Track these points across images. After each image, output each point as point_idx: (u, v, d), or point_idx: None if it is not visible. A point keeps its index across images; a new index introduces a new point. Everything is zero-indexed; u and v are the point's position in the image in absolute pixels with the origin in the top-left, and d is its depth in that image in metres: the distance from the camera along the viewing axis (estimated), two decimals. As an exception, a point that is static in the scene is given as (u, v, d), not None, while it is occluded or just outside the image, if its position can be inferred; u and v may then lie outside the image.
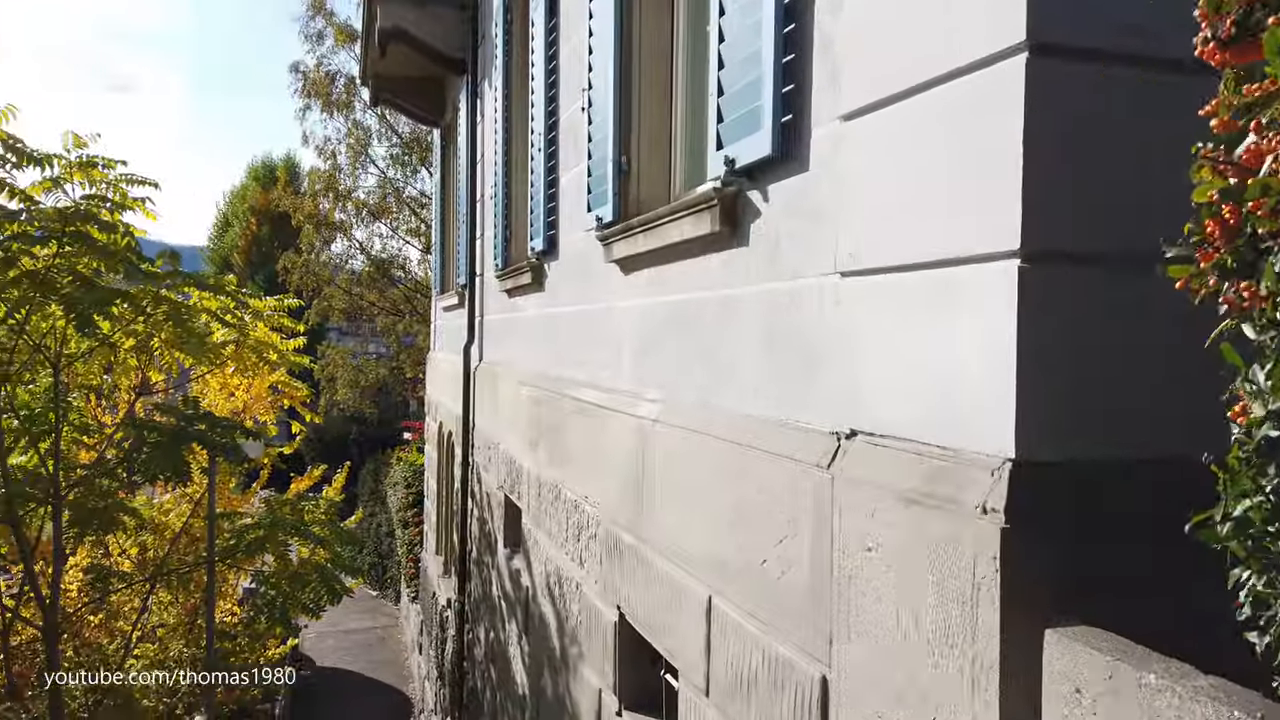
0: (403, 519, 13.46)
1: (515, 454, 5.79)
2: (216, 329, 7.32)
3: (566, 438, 4.45)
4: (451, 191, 10.05)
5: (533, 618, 5.18)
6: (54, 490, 5.87)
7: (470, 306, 7.86)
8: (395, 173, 17.67)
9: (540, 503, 5.00)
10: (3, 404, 6.14)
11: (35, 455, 6.09)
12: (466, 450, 7.82)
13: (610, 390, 3.83)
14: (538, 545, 5.10)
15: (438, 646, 9.87)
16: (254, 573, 7.83)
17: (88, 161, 5.58)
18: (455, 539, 8.97)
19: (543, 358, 5.22)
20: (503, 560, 6.20)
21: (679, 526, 2.95)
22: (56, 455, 5.92)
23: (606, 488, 3.75)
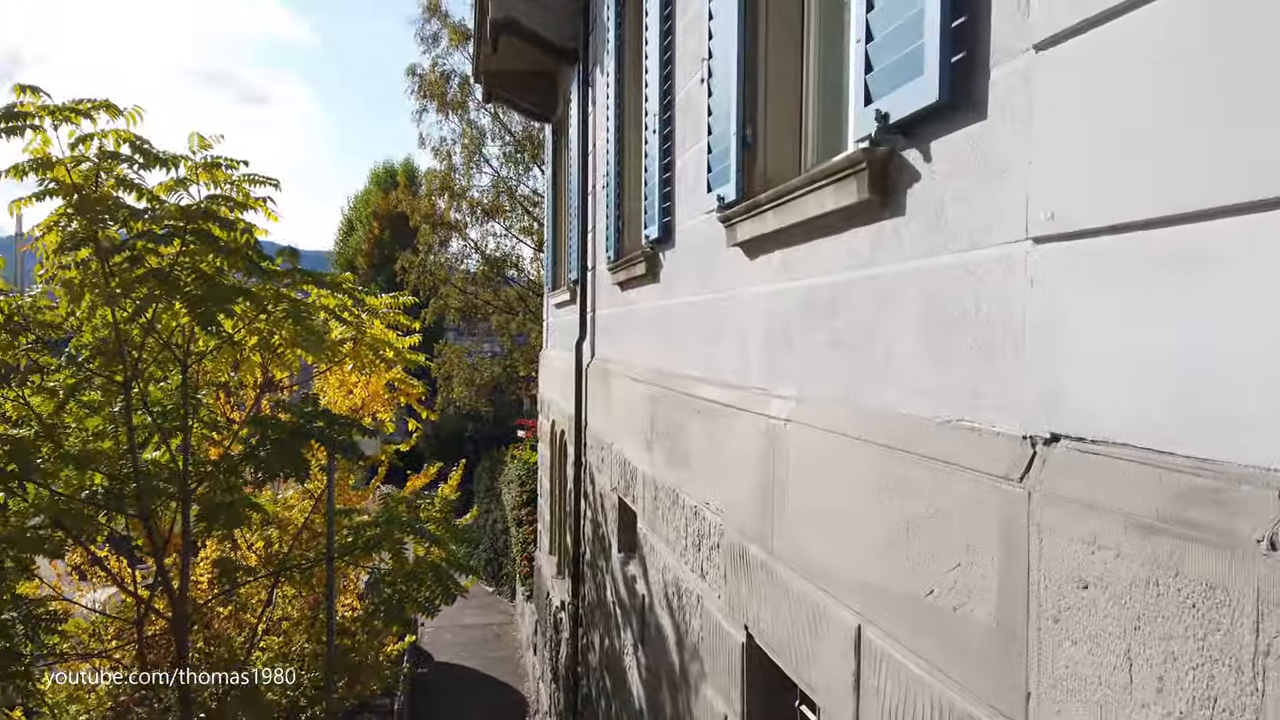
0: (517, 517, 13.45)
1: (629, 455, 5.51)
2: (335, 327, 7.34)
3: (685, 438, 4.13)
4: (563, 186, 9.89)
5: (649, 628, 4.89)
6: (183, 485, 5.93)
7: (582, 302, 7.64)
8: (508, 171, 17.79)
9: (656, 507, 4.70)
10: (135, 401, 6.26)
11: (167, 451, 6.20)
12: (579, 449, 7.61)
13: (734, 387, 3.49)
14: (654, 552, 4.80)
15: (552, 648, 9.73)
16: (371, 570, 7.83)
17: (212, 162, 5.61)
18: (569, 540, 8.79)
19: (658, 353, 4.92)
20: (617, 565, 5.94)
21: (819, 541, 2.58)
22: (186, 451, 6.00)
23: (731, 494, 3.41)
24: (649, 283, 5.13)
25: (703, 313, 4.03)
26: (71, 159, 5.19)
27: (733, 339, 3.58)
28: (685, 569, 4.11)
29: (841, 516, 2.43)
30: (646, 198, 4.96)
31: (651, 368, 5.03)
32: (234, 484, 6.32)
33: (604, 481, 6.54)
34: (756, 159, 3.31)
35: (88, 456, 6.13)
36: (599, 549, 6.73)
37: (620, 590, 5.78)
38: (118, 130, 5.23)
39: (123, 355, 5.76)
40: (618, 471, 5.94)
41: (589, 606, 7.26)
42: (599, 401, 6.80)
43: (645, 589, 5.01)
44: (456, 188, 17.26)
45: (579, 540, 7.65)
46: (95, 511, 5.99)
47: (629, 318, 5.83)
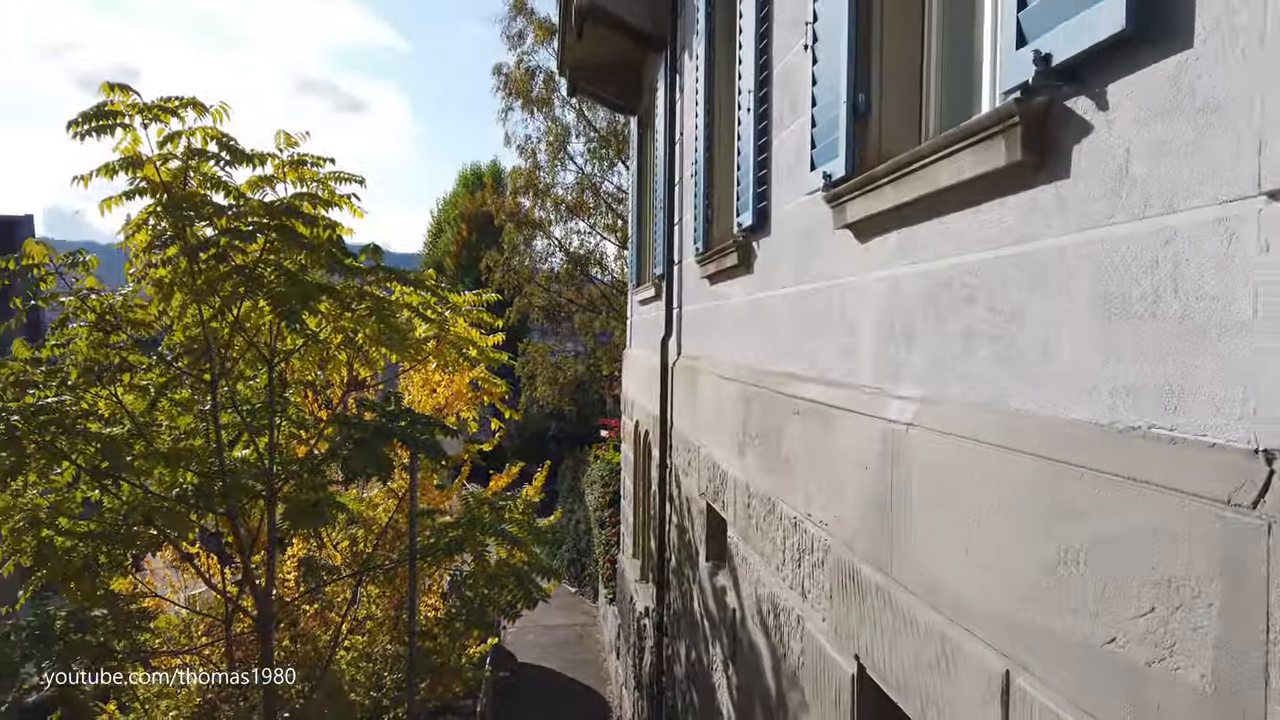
0: (600, 518, 13.22)
1: (719, 459, 5.18)
2: (419, 325, 7.23)
3: (784, 442, 3.78)
4: (648, 179, 9.61)
5: (740, 645, 4.54)
6: (270, 484, 5.87)
7: (668, 297, 7.34)
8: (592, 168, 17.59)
9: (750, 516, 4.35)
10: (224, 399, 6.24)
11: (254, 450, 6.17)
12: (664, 452, 7.31)
13: (842, 386, 3.12)
14: (746, 564, 4.45)
15: (635, 655, 9.46)
16: (453, 571, 7.69)
17: (298, 159, 5.51)
18: (652, 544, 8.49)
19: (751, 350, 4.57)
20: (705, 574, 5.61)
21: (952, 566, 2.21)
22: (272, 450, 5.95)
23: (838, 506, 3.05)
24: (741, 274, 4.79)
25: (803, 304, 3.66)
26: (159, 156, 5.14)
27: (838, 333, 3.21)
28: (783, 585, 3.75)
29: (983, 539, 2.05)
30: (739, 183, 4.62)
31: (744, 365, 4.69)
32: (319, 483, 6.27)
33: (691, 485, 6.22)
34: (870, 129, 2.94)
35: (177, 454, 6.12)
36: (685, 556, 6.41)
37: (709, 602, 5.44)
38: (205, 128, 5.17)
39: (210, 353, 5.72)
40: (706, 475, 5.61)
41: (674, 615, 6.95)
42: (685, 401, 6.48)
43: (736, 603, 4.67)
44: (541, 185, 17.12)
45: (664, 546, 7.35)
46: (185, 509, 5.98)
47: (718, 313, 5.50)
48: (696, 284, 6.22)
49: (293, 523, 6.15)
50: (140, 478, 5.82)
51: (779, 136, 4.02)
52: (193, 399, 6.28)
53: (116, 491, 5.63)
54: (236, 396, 6.21)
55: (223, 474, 5.76)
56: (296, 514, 6.07)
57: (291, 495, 6.06)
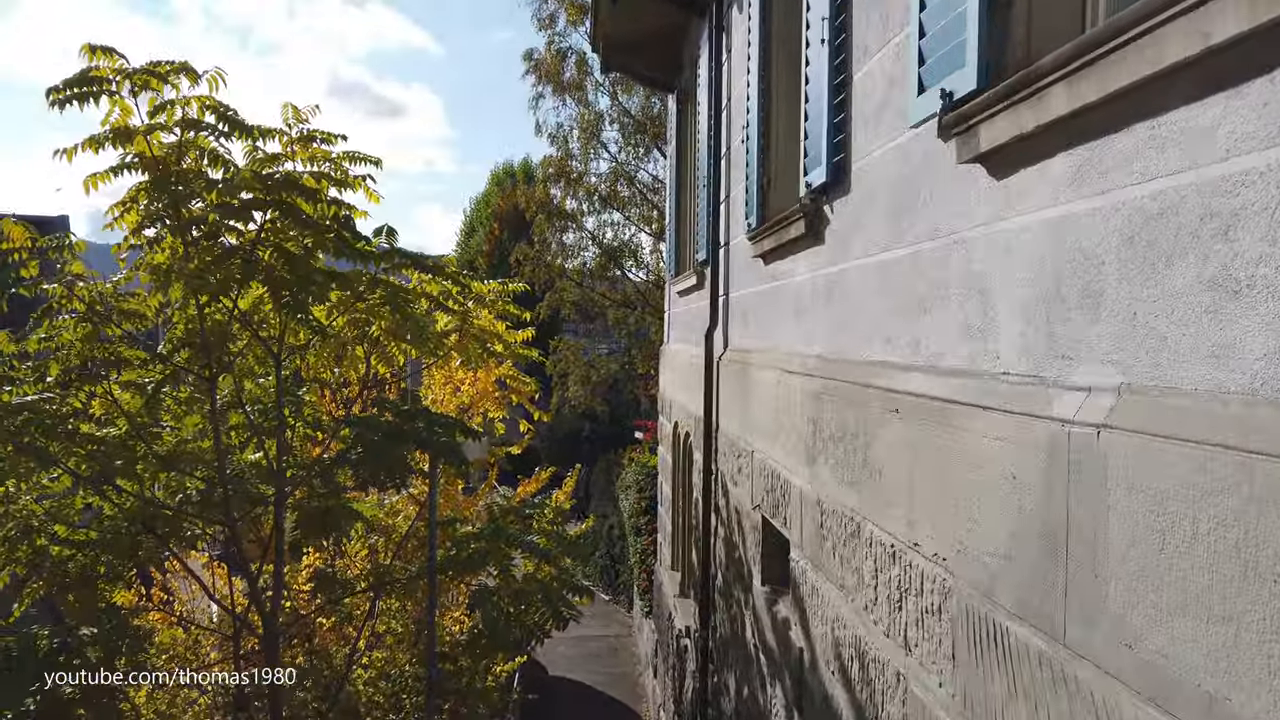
0: (635, 525, 12.45)
1: (779, 466, 4.40)
2: (440, 317, 6.54)
3: (874, 449, 2.99)
4: (688, 158, 8.84)
5: (809, 694, 3.76)
6: (279, 490, 5.22)
7: (712, 285, 6.56)
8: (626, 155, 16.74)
9: (824, 539, 3.57)
10: (230, 398, 5.63)
11: (264, 454, 5.56)
12: (709, 456, 6.53)
13: (968, 375, 2.34)
14: (818, 596, 3.67)
15: (675, 677, 8.68)
16: (476, 585, 6.98)
17: (307, 135, 4.86)
18: (695, 558, 7.72)
19: (822, 337, 3.79)
20: (760, 600, 4.83)
21: (1190, 644, 1.42)
22: (280, 453, 5.32)
23: (965, 536, 2.26)
24: (807, 246, 4.00)
25: (899, 273, 2.88)
26: (148, 128, 4.49)
27: (960, 305, 2.42)
28: (873, 630, 2.97)
29: (1253, 605, 1.26)
30: (807, 136, 3.83)
31: (813, 356, 3.91)
32: (333, 489, 5.65)
33: (741, 495, 5.44)
34: (1013, 22, 2.15)
35: (177, 457, 5.52)
36: (735, 576, 5.63)
37: (766, 634, 4.66)
38: (200, 97, 4.52)
39: (205, 346, 5.08)
40: (761, 485, 4.83)
41: (722, 641, 6.17)
42: (734, 400, 5.70)
43: (804, 642, 3.88)
44: (573, 173, 16.33)
45: (709, 561, 6.57)
46: (185, 517, 5.38)
47: (777, 296, 4.71)
48: (747, 265, 5.44)
49: (304, 532, 5.51)
50: (141, 483, 5.11)
51: (863, 67, 3.23)
52: (194, 397, 5.69)
53: (118, 498, 5.07)
54: (244, 395, 5.57)
55: (224, 478, 5.14)
56: (308, 522, 5.45)
57: (302, 502, 5.43)
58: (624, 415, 21.91)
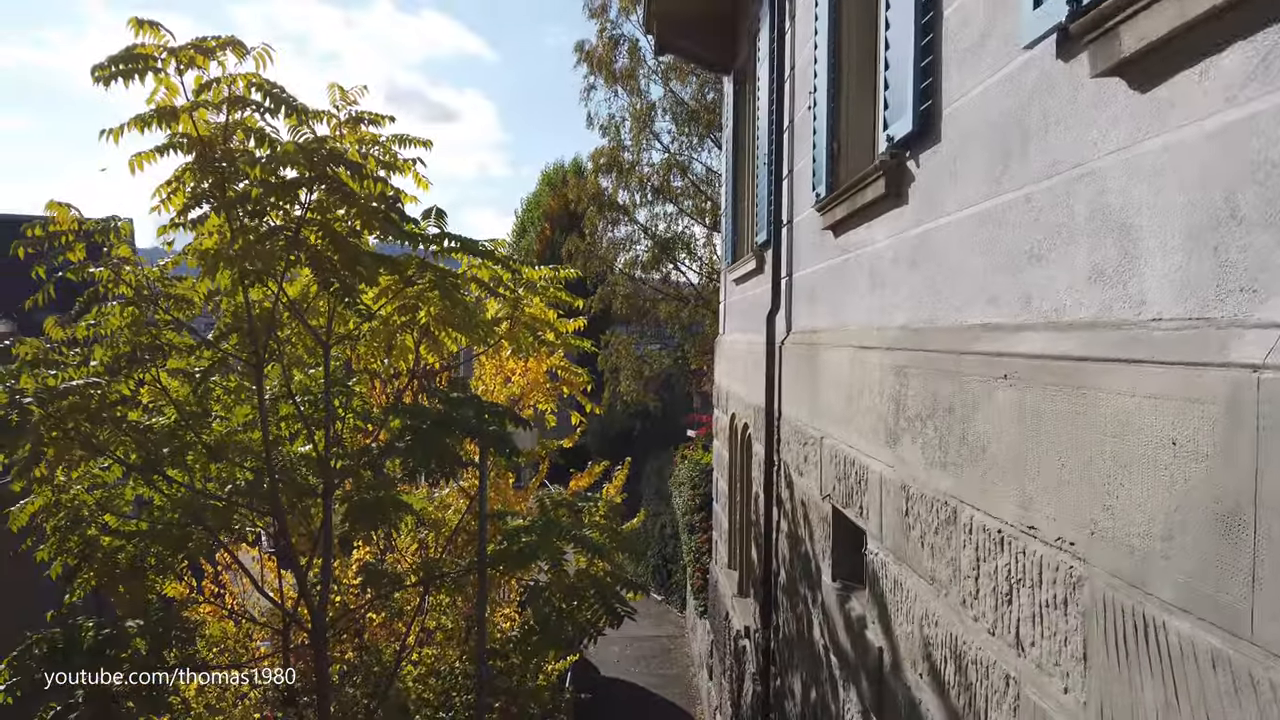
0: (688, 523, 12.11)
1: (854, 452, 4.05)
2: (491, 305, 6.32)
3: (974, 423, 2.64)
4: (747, 140, 8.51)
5: (891, 699, 3.41)
6: (324, 482, 5.03)
7: (774, 266, 6.22)
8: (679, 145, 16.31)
9: (909, 527, 3.22)
10: (278, 388, 5.49)
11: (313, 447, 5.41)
12: (770, 447, 6.19)
13: (1101, 325, 1.99)
14: (901, 591, 3.32)
15: (732, 680, 8.34)
16: (529, 583, 6.74)
17: (355, 118, 4.67)
18: (754, 555, 7.38)
19: (906, 306, 3.44)
20: (831, 597, 4.48)
21: None
22: (327, 443, 5.14)
23: (1106, 516, 1.91)
24: (888, 208, 3.65)
25: (1006, 222, 2.53)
26: (191, 104, 4.33)
27: (1086, 247, 2.07)
28: (973, 628, 2.62)
29: None
30: (888, 85, 3.49)
31: (895, 327, 3.56)
32: (382, 480, 5.48)
33: (808, 486, 5.10)
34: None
35: (224, 447, 5.36)
36: (801, 571, 5.29)
37: (838, 633, 4.32)
38: (247, 75, 4.34)
39: (253, 333, 4.91)
40: (832, 473, 4.48)
41: (785, 641, 5.82)
42: (800, 385, 5.36)
43: (884, 641, 3.54)
44: (625, 164, 15.99)
45: (770, 557, 6.24)
46: (232, 508, 5.10)
47: (848, 270, 4.37)
48: (815, 241, 5.10)
49: (352, 524, 5.33)
50: (191, 474, 4.98)
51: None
52: (243, 386, 5.55)
53: (168, 489, 4.95)
54: (293, 385, 5.41)
55: (271, 468, 4.97)
56: (356, 514, 5.27)
57: (351, 494, 5.25)
58: (676, 413, 21.57)
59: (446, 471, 5.23)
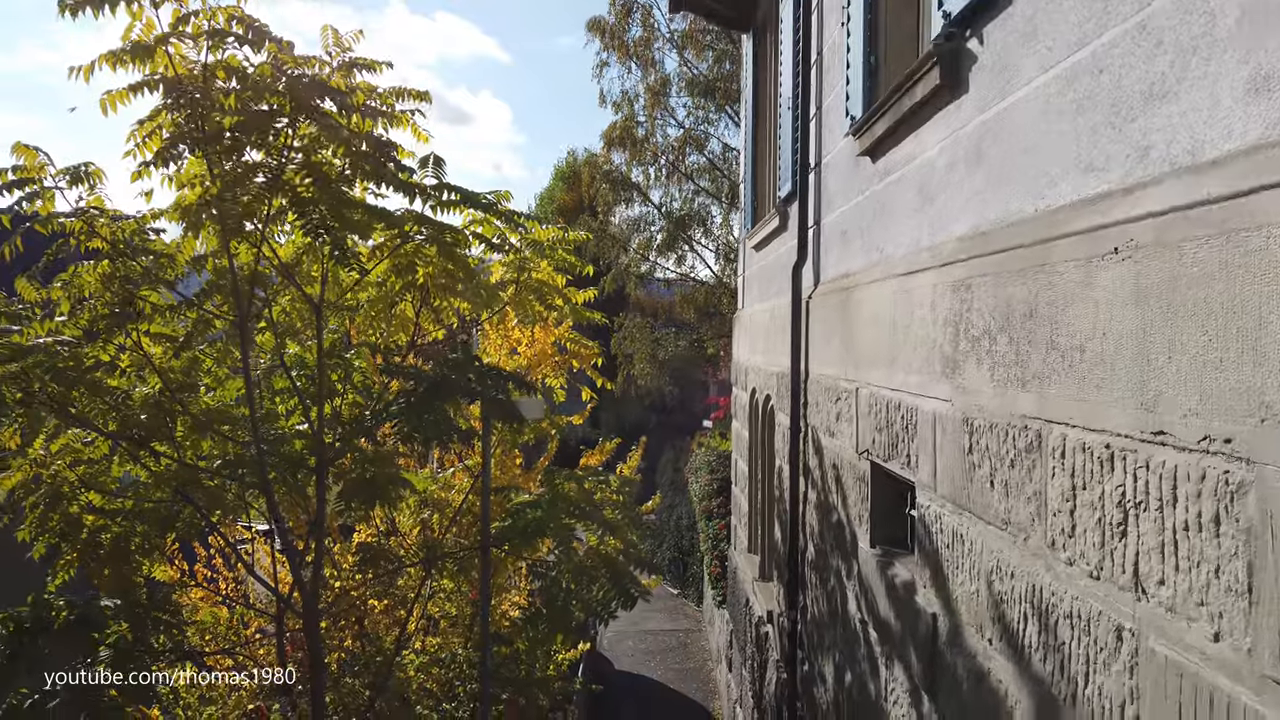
0: (706, 509, 11.60)
1: (898, 394, 3.55)
2: (496, 269, 5.86)
3: (1064, 323, 2.14)
4: (767, 95, 8.01)
5: (950, 673, 2.91)
6: (318, 457, 4.57)
7: (801, 216, 5.72)
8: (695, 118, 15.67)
9: (973, 466, 2.72)
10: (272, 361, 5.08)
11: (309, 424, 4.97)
12: (796, 412, 5.69)
13: (1260, 149, 1.49)
14: (963, 543, 2.82)
15: (754, 670, 7.83)
16: (533, 565, 6.25)
17: (349, 64, 4.22)
18: (777, 534, 6.88)
19: (968, 210, 2.94)
20: (869, 565, 3.98)
21: None
22: (320, 415, 4.69)
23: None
24: (943, 104, 3.15)
25: (1112, 65, 2.03)
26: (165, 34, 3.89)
27: (1242, 52, 1.57)
28: (1066, 573, 2.11)
29: None
30: (942, -43, 2.99)
31: (951, 240, 3.06)
32: (380, 457, 5.02)
33: (840, 446, 4.60)
34: None
35: (210, 417, 4.92)
36: (833, 543, 4.78)
37: (878, 604, 3.81)
38: (228, 8, 3.89)
39: (235, 289, 4.47)
40: (870, 425, 3.98)
41: (814, 623, 5.32)
42: (831, 337, 4.86)
43: (939, 606, 3.03)
44: (638, 136, 15.40)
45: (796, 532, 5.73)
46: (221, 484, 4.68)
47: (890, 194, 3.87)
48: (848, 175, 4.60)
49: (348, 502, 4.85)
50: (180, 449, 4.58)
51: None
52: (228, 350, 5.11)
53: (155, 465, 4.57)
54: (287, 358, 4.98)
55: (257, 436, 4.52)
56: (353, 491, 4.80)
57: (348, 471, 4.70)
58: (692, 404, 21.08)
59: (445, 439, 4.75)
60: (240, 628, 6.81)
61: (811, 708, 5.35)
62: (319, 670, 4.76)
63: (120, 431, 4.62)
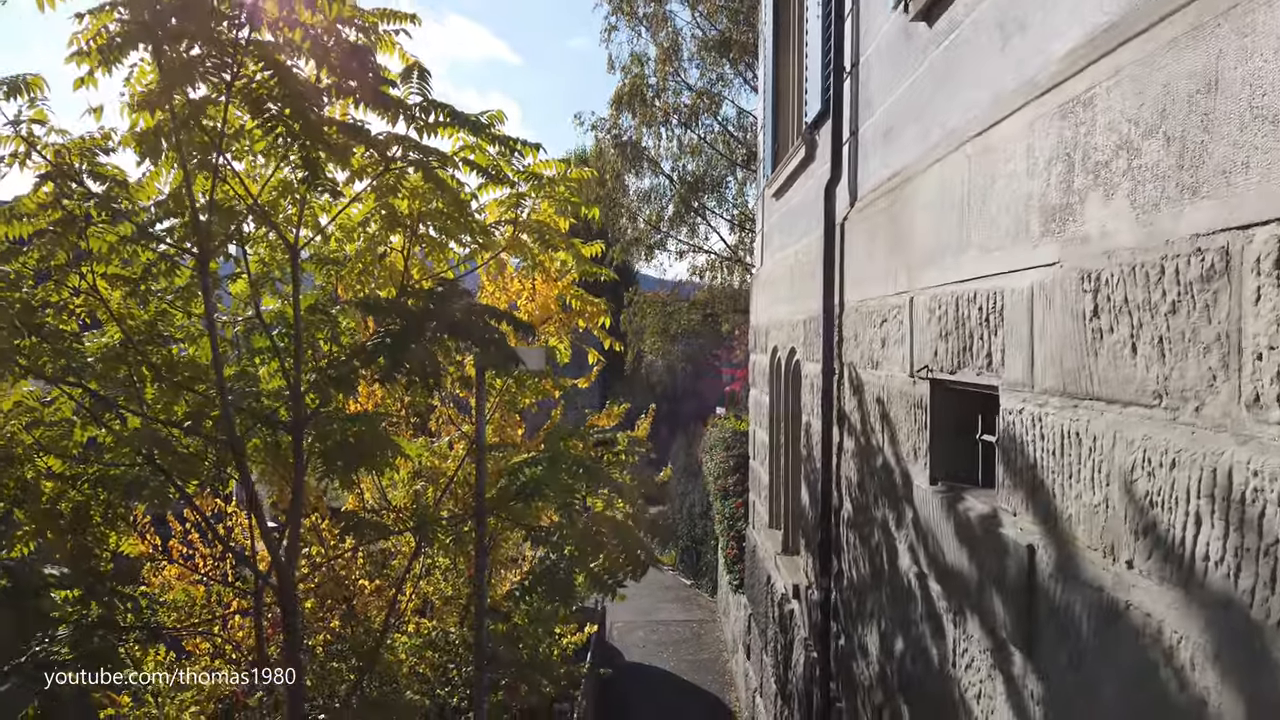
0: (722, 487, 10.90)
1: (972, 284, 2.87)
2: (492, 209, 5.23)
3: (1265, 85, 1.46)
4: (789, 20, 7.32)
5: (1055, 616, 2.22)
6: (293, 415, 3.94)
7: (835, 131, 5.03)
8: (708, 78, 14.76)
9: (1099, 332, 2.03)
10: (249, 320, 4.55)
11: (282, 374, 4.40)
12: (829, 354, 5.00)
13: None
14: (1079, 445, 2.13)
15: (777, 654, 7.14)
16: (532, 531, 5.57)
17: None
18: (805, 499, 6.19)
19: (1090, 6, 2.25)
20: (929, 506, 3.29)
21: None
22: (298, 366, 4.08)
23: None
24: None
25: None
26: None
27: None
28: (1274, 437, 1.43)
29: None
30: None
31: (1056, 60, 2.37)
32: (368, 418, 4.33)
33: (886, 376, 3.91)
34: None
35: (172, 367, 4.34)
36: (876, 491, 4.09)
37: (941, 549, 3.12)
38: None
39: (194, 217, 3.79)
40: (931, 336, 3.29)
41: (852, 589, 4.62)
42: (875, 253, 4.18)
43: (1037, 533, 2.35)
44: (648, 94, 14.56)
45: (829, 491, 5.04)
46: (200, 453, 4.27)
47: (956, 54, 3.18)
48: (898, 54, 3.92)
49: (330, 467, 4.22)
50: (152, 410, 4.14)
51: None
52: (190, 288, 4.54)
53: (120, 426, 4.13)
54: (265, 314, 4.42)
55: (222, 385, 3.92)
56: (334, 455, 4.17)
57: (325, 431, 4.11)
58: (704, 393, 20.42)
59: (426, 379, 4.09)
60: (217, 607, 6.17)
61: (849, 687, 4.65)
62: (295, 648, 4.16)
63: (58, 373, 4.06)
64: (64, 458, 4.23)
